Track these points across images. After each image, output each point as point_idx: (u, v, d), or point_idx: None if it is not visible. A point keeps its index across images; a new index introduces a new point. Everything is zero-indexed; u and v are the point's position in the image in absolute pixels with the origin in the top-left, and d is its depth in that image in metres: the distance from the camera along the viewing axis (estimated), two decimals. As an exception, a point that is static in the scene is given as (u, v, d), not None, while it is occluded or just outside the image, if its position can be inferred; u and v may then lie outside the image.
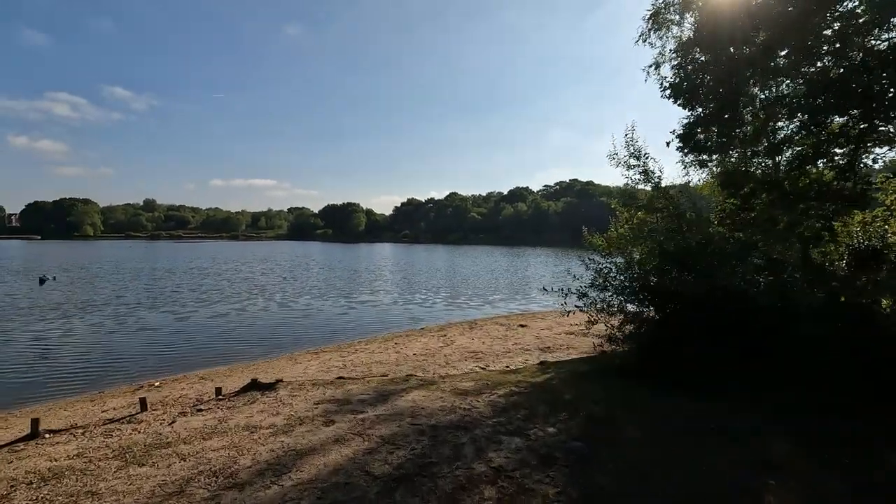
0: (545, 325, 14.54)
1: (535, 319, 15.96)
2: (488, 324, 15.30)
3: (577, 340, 12.02)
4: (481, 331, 13.96)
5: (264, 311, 17.45)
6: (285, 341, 13.08)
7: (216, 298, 20.09)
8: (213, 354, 11.67)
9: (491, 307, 19.72)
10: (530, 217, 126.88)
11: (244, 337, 13.51)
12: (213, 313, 16.70)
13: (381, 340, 13.10)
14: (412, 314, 17.67)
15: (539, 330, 13.78)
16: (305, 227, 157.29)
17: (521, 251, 71.08)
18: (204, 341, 12.87)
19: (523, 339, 12.44)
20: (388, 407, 5.81)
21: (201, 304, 18.70)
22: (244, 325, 14.89)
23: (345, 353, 11.54)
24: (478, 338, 12.81)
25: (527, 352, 10.71)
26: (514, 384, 6.97)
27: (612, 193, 54.31)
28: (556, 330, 13.69)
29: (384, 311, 18.12)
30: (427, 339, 12.97)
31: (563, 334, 12.87)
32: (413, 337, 13.38)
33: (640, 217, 13.08)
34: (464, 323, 15.67)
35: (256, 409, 6.08)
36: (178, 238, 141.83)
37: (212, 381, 9.29)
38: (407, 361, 10.10)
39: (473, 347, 11.39)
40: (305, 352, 12.00)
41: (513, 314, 17.74)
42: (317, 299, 20.49)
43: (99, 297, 19.95)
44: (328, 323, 15.62)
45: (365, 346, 12.25)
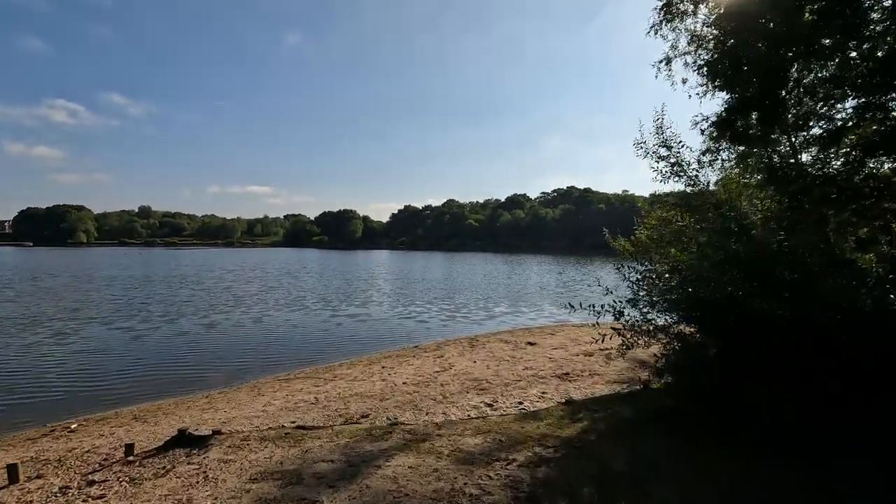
0: (557, 343, 12.61)
1: (543, 335, 14.02)
2: (491, 341, 13.36)
3: (599, 363, 10.11)
4: (484, 350, 12.02)
5: (237, 326, 15.41)
6: (253, 365, 11.09)
7: (187, 311, 18.04)
8: (161, 383, 9.67)
9: (493, 320, 17.78)
10: (528, 224, 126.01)
11: (206, 359, 11.50)
12: (177, 330, 14.65)
13: (367, 362, 11.14)
14: (405, 329, 15.72)
15: (551, 349, 11.85)
16: (301, 234, 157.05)
17: (520, 258, 69.23)
18: (156, 365, 10.85)
19: (535, 361, 10.50)
20: (357, 490, 3.87)
21: (168, 318, 16.66)
22: (210, 345, 12.88)
23: (321, 380, 9.57)
24: (480, 359, 10.88)
25: (542, 381, 8.77)
26: (537, 440, 5.04)
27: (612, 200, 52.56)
28: (570, 349, 11.76)
29: (374, 325, 16.14)
30: (421, 360, 11.02)
31: (580, 355, 10.94)
32: (404, 358, 11.42)
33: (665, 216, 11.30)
34: (463, 340, 13.71)
35: (166, 488, 4.14)
36: (172, 245, 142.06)
37: (145, 421, 7.32)
38: (394, 394, 8.14)
39: (476, 373, 9.44)
40: (274, 378, 10.02)
41: (518, 329, 15.80)
42: (299, 312, 18.49)
43: (52, 310, 17.88)
44: (307, 341, 13.61)
45: (346, 371, 10.28)
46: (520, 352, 11.63)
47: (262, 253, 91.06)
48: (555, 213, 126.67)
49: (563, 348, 11.94)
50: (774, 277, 5.58)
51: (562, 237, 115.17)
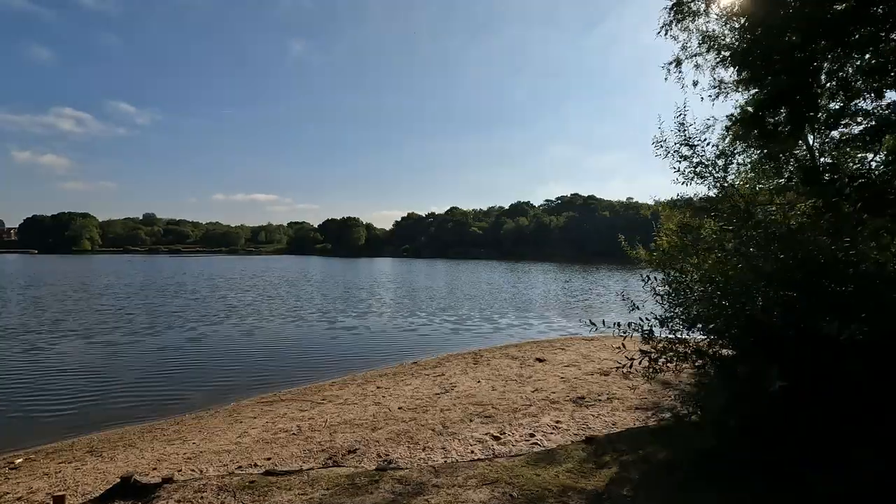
0: (568, 360, 11.62)
1: (553, 350, 13.04)
2: (497, 356, 12.38)
3: (617, 385, 9.11)
4: (489, 367, 11.05)
5: (225, 340, 14.49)
6: (237, 383, 10.16)
7: (175, 323, 17.14)
8: (132, 405, 8.76)
9: (498, 333, 16.80)
10: (532, 232, 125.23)
11: (186, 377, 10.59)
12: (160, 343, 13.75)
13: (361, 382, 10.19)
14: (405, 344, 14.76)
15: (562, 367, 10.86)
16: (305, 241, 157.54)
17: (524, 266, 68.18)
18: (130, 384, 9.94)
19: (545, 381, 9.52)
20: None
21: (153, 330, 15.77)
22: (193, 361, 11.97)
23: (308, 402, 8.63)
24: (485, 378, 9.91)
25: (555, 406, 7.79)
26: (557, 496, 4.07)
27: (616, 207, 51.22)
28: (584, 367, 10.77)
29: (372, 339, 15.19)
30: (420, 380, 10.05)
31: (595, 374, 9.95)
32: (402, 377, 10.46)
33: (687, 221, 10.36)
34: (466, 355, 12.74)
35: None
36: (176, 252, 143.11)
37: (100, 456, 6.39)
38: (388, 421, 7.18)
39: (480, 396, 8.47)
40: (258, 399, 9.09)
41: (525, 342, 14.80)
42: (294, 324, 17.55)
43: (33, 322, 17.05)
44: (299, 357, 12.67)
45: (338, 392, 9.33)
46: (528, 369, 10.65)
47: (264, 261, 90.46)
48: (559, 221, 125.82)
49: (575, 365, 10.95)
50: (841, 293, 4.62)
51: (566, 245, 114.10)
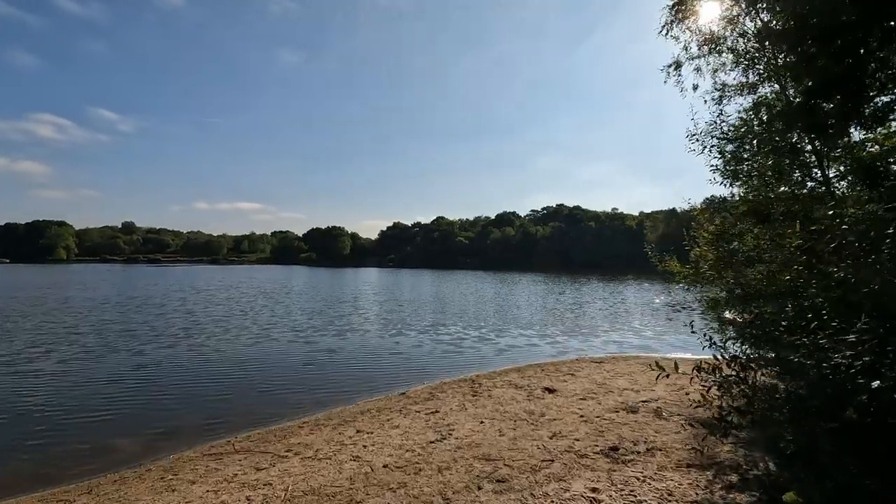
0: (582, 390, 9.96)
1: (561, 376, 11.37)
2: (498, 384, 10.67)
3: (651, 425, 7.47)
4: (491, 400, 9.32)
5: (178, 366, 12.24)
6: (182, 425, 8.26)
7: (120, 345, 14.67)
8: (35, 460, 6.82)
9: (495, 352, 15.11)
10: (518, 242, 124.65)
11: (117, 419, 8.61)
12: (93, 373, 11.44)
13: (338, 422, 8.37)
14: (391, 367, 12.98)
15: (577, 399, 9.19)
16: (289, 250, 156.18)
17: (512, 277, 66.76)
18: (42, 432, 7.95)
19: (562, 420, 7.83)
20: None
21: (93, 355, 13.53)
22: (130, 396, 9.91)
23: (268, 456, 6.79)
24: (488, 416, 8.18)
25: (583, 462, 6.09)
26: None
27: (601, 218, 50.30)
28: (603, 400, 9.11)
29: (353, 363, 13.31)
30: (410, 419, 8.27)
31: (620, 411, 8.28)
32: (388, 415, 8.66)
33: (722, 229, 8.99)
34: (463, 383, 10.99)
35: None
36: (156, 262, 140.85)
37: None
38: (370, 491, 5.40)
39: (487, 445, 6.74)
40: (205, 449, 7.22)
41: (527, 366, 13.11)
42: (262, 346, 15.51)
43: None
44: (263, 388, 10.69)
45: (307, 438, 7.51)
46: (538, 403, 8.95)
47: (246, 270, 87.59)
48: (545, 231, 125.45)
49: (592, 398, 9.28)
50: None
51: (552, 256, 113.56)
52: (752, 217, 7.86)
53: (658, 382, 10.49)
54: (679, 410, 8.22)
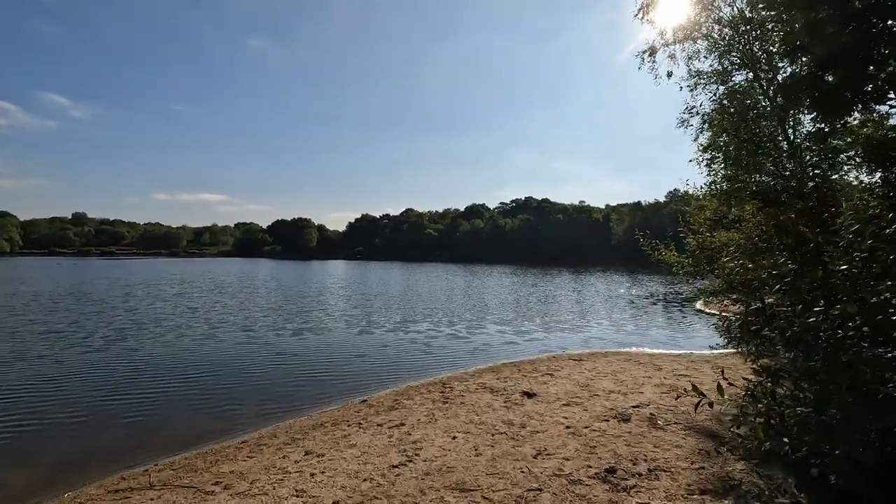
0: (565, 394, 8.98)
1: (540, 377, 10.39)
2: (471, 388, 9.58)
3: (647, 437, 6.52)
4: (464, 408, 8.22)
5: (99, 375, 10.55)
6: (92, 449, 6.79)
7: (37, 350, 12.76)
8: None
9: (467, 350, 14.05)
10: (488, 234, 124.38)
11: (10, 444, 7.10)
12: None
13: (285, 440, 7.08)
14: (352, 370, 11.71)
15: (561, 405, 8.19)
16: (253, 243, 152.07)
17: (482, 270, 66.11)
18: None
19: (546, 433, 6.79)
20: None
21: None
22: (32, 415, 8.30)
23: (189, 492, 5.45)
24: (462, 429, 7.07)
25: (574, 487, 5.03)
26: None
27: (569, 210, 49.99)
28: (590, 406, 8.14)
29: (309, 368, 11.88)
30: (370, 434, 7.06)
31: (611, 420, 7.31)
32: (344, 428, 7.42)
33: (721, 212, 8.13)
34: (432, 387, 9.85)
35: None
36: (109, 255, 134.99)
37: None
38: (312, 543, 4.20)
39: (461, 469, 5.62)
40: (114, 483, 5.81)
41: (502, 364, 12.09)
42: (205, 347, 13.91)
43: None
44: (199, 400, 9.15)
45: (244, 465, 6.20)
46: (517, 412, 7.89)
47: (205, 263, 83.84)
48: (514, 224, 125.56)
49: (577, 403, 8.31)
50: None
51: (522, 248, 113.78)
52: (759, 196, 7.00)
53: (645, 383, 9.64)
54: (675, 418, 7.32)
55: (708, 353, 13.55)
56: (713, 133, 21.94)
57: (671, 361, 12.08)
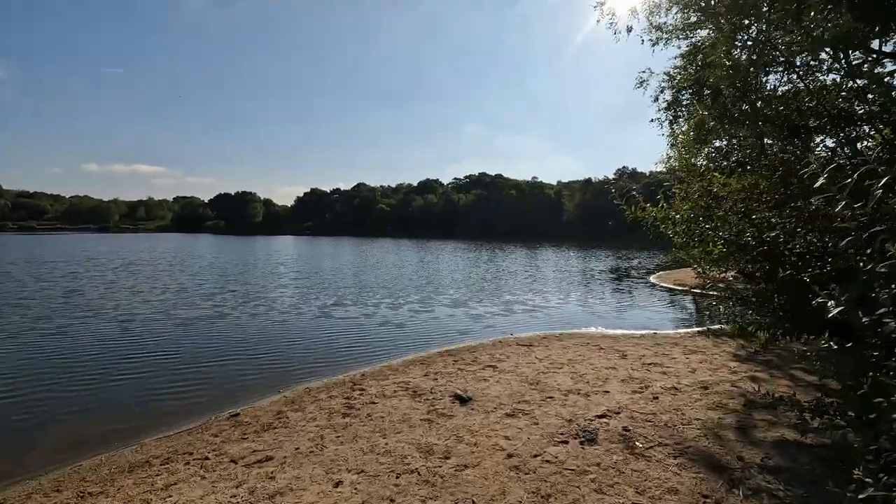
0: (508, 395, 6.82)
1: (480, 370, 8.20)
2: (389, 388, 7.25)
3: (623, 469, 4.40)
4: (369, 424, 5.87)
5: None
6: None
7: None
8: None
9: (403, 333, 11.76)
10: (441, 210, 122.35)
11: None
12: None
13: (71, 495, 4.52)
14: (241, 368, 9.11)
15: (502, 416, 6.00)
16: (194, 218, 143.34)
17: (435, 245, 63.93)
18: None
19: (478, 463, 4.57)
20: None
21: None
22: None
23: None
24: (354, 467, 4.74)
25: None
26: None
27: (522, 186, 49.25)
28: (542, 418, 6.00)
29: (180, 367, 9.11)
30: (208, 484, 4.58)
31: (571, 441, 5.18)
32: (176, 471, 4.88)
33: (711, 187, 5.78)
34: (337, 391, 7.39)
35: None
36: (29, 230, 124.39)
37: None
38: None
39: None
40: None
41: (437, 353, 9.83)
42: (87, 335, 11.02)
43: None
44: (36, 417, 6.51)
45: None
46: (442, 428, 5.63)
47: (135, 240, 76.99)
48: (467, 199, 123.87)
49: (523, 411, 6.14)
50: None
51: (474, 224, 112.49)
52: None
53: (610, 378, 7.63)
54: (657, 434, 5.28)
55: (673, 334, 11.86)
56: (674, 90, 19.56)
57: (635, 345, 10.22)
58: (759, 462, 4.51)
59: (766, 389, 6.80)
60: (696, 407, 6.11)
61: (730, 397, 6.50)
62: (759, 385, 7.10)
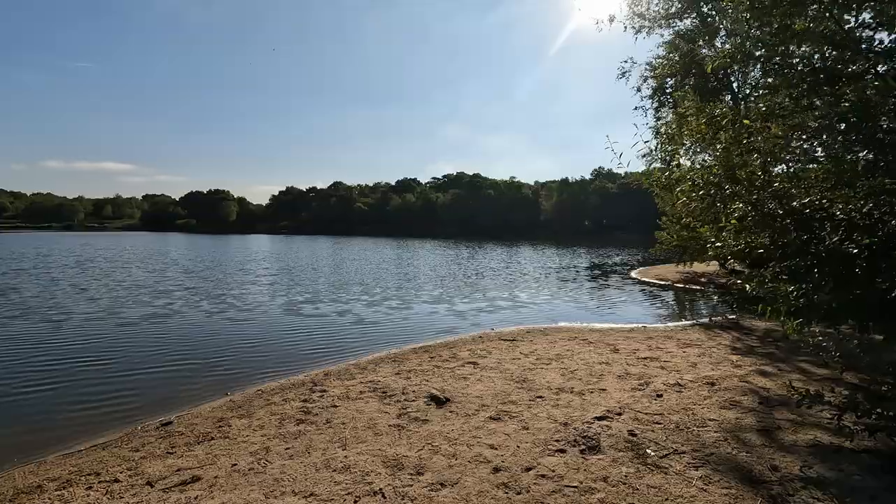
0: (491, 393, 5.93)
1: (460, 367, 7.30)
2: (355, 389, 6.28)
3: (638, 484, 3.53)
4: (327, 433, 4.89)
5: None
6: None
7: None
8: None
9: (377, 329, 10.77)
10: (419, 209, 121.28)
11: None
12: None
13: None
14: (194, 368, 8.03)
15: (485, 418, 5.10)
16: (164, 216, 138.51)
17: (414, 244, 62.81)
18: None
19: (458, 483, 3.66)
20: None
21: None
22: None
23: None
24: (302, 490, 3.78)
25: None
26: None
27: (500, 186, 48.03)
28: (531, 422, 5.11)
29: (149, 361, 8.06)
30: None
31: (571, 449, 4.31)
32: (79, 496, 3.87)
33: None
34: (293, 393, 6.36)
35: None
36: None
37: None
38: None
39: None
40: None
41: (412, 349, 8.88)
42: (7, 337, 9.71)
43: None
44: None
45: None
46: (414, 437, 4.70)
47: (99, 238, 73.51)
48: (446, 199, 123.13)
49: (509, 414, 5.26)
50: None
51: (453, 223, 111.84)
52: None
53: (605, 374, 6.82)
54: (670, 438, 4.45)
55: (663, 327, 11.17)
56: (658, 78, 18.96)
57: (626, 339, 9.47)
58: (799, 472, 3.72)
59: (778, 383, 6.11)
60: (707, 406, 5.33)
61: (741, 394, 5.75)
62: (769, 379, 6.38)
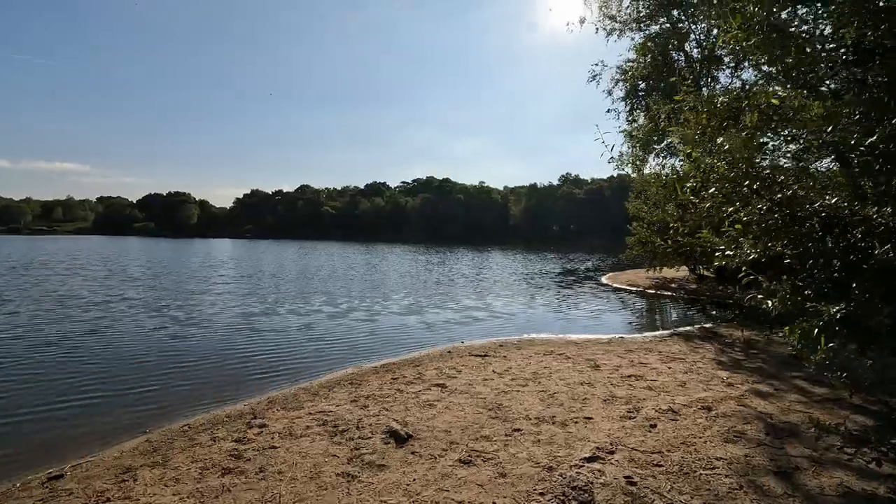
0: (461, 425, 5.07)
1: (425, 392, 6.42)
2: (299, 425, 5.30)
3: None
4: (257, 488, 3.95)
5: None
6: None
7: None
8: None
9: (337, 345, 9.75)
10: (389, 213, 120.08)
11: None
12: None
13: None
14: (126, 394, 6.85)
15: (452, 461, 4.24)
16: (119, 219, 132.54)
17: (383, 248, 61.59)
18: None
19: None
20: None
21: None
22: None
23: None
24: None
25: None
26: None
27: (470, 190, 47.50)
28: (509, 465, 4.27)
29: (51, 392, 6.83)
30: None
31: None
32: None
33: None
34: (225, 430, 5.32)
35: None
36: None
37: None
38: None
39: None
40: None
41: (373, 368, 7.93)
42: None
43: None
44: None
45: None
46: (365, 492, 3.79)
47: (45, 242, 68.98)
48: (415, 203, 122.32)
49: (483, 454, 4.41)
50: None
51: (422, 228, 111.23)
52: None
53: (589, 398, 6.06)
54: (675, 485, 3.68)
55: (641, 338, 10.62)
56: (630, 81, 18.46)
57: (605, 353, 8.80)
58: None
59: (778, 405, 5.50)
60: (709, 439, 4.62)
61: (743, 421, 5.08)
62: (768, 401, 5.76)
